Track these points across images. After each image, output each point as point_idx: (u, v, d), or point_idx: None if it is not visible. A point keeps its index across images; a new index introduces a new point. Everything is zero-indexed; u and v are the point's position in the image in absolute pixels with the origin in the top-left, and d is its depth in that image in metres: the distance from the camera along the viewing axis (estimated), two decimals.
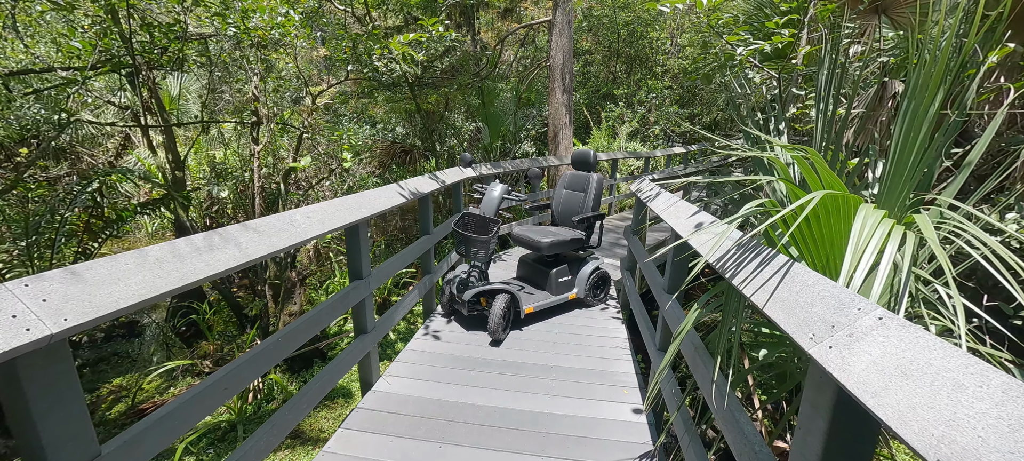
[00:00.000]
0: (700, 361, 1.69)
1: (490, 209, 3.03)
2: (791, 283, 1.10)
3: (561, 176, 3.82)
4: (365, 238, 2.34)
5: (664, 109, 10.25)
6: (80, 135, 7.73)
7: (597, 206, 3.51)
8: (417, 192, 2.95)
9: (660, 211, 2.44)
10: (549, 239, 3.26)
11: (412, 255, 2.98)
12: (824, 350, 0.86)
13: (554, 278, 3.39)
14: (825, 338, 0.88)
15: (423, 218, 3.28)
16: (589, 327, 3.31)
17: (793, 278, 1.11)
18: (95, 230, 4.16)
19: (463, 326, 3.25)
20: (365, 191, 2.44)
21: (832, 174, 1.23)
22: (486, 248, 2.87)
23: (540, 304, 3.28)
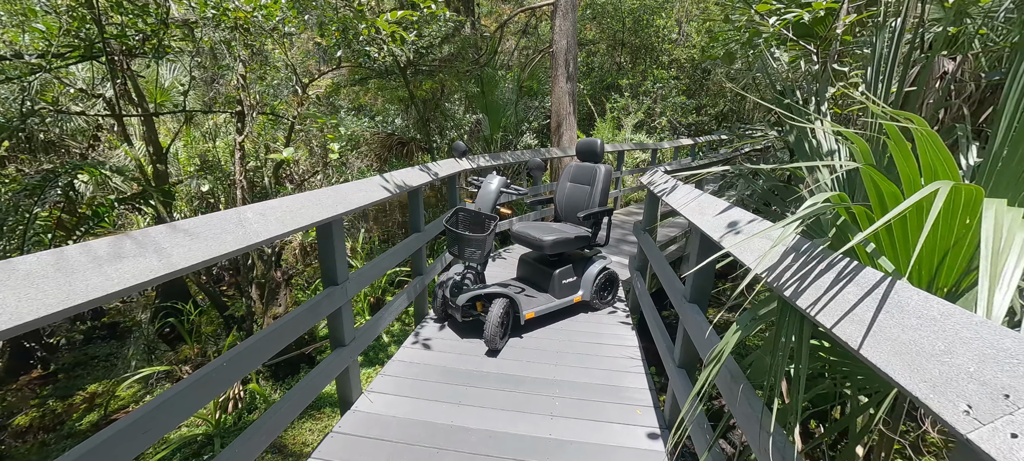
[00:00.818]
0: (743, 397, 1.35)
1: (486, 204, 2.70)
2: (900, 314, 0.76)
3: (565, 168, 3.47)
4: (340, 238, 2.01)
5: (670, 100, 9.83)
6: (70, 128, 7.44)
7: (605, 200, 3.17)
8: (405, 185, 2.61)
9: (680, 206, 2.09)
10: (552, 237, 2.92)
11: (399, 255, 2.65)
12: (1003, 441, 0.52)
13: (557, 279, 3.06)
14: (997, 416, 0.54)
15: (413, 214, 2.95)
16: (596, 333, 2.98)
17: (902, 305, 0.77)
18: (70, 227, 3.86)
19: (457, 332, 2.92)
20: (342, 185, 2.11)
21: (949, 158, 0.88)
22: (482, 248, 2.54)
23: (542, 308, 2.95)
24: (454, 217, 2.69)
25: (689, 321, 1.87)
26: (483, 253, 2.56)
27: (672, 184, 2.57)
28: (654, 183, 2.93)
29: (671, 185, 2.56)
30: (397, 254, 2.62)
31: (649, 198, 3.12)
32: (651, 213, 3.15)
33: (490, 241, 2.61)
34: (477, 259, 2.58)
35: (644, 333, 3.40)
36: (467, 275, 2.82)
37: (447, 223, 2.61)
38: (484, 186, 2.76)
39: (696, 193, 2.09)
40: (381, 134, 7.30)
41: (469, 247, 2.55)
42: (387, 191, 2.39)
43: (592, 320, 3.18)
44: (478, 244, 2.53)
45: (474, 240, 2.53)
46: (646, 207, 3.17)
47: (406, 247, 2.76)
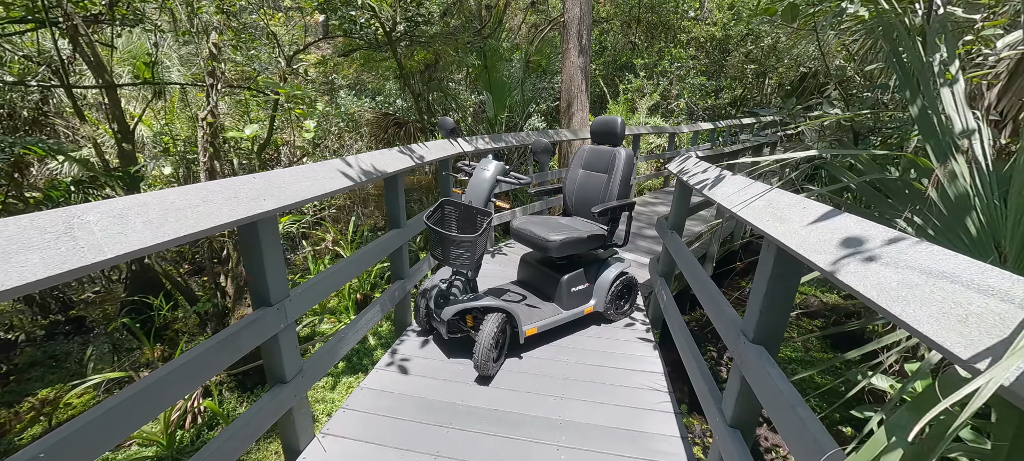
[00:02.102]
0: None
1: (479, 195, 2.14)
2: None
3: (576, 152, 2.89)
4: (272, 243, 1.47)
5: (689, 80, 9.07)
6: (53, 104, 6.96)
7: (626, 191, 2.59)
8: (376, 171, 2.06)
9: (736, 206, 1.51)
10: (560, 236, 2.36)
11: (368, 259, 2.11)
12: None
13: (565, 287, 2.50)
14: None
15: (391, 206, 2.40)
16: (611, 353, 2.44)
17: None
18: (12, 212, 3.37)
19: (443, 350, 2.40)
20: (276, 171, 1.56)
21: None
22: (471, 252, 1.99)
23: (546, 322, 2.40)
24: (438, 212, 2.13)
25: (751, 369, 1.31)
26: (474, 258, 2.01)
27: (715, 174, 1.99)
28: (687, 172, 2.33)
29: (714, 175, 1.97)
30: (365, 258, 2.08)
31: (680, 190, 2.52)
32: (681, 208, 2.56)
33: (483, 243, 2.06)
34: (466, 266, 2.03)
35: (667, 344, 2.86)
36: (455, 282, 2.28)
37: (429, 220, 2.05)
38: (477, 173, 2.19)
39: (760, 187, 1.51)
40: (378, 114, 6.72)
41: (456, 250, 2.00)
42: (348, 178, 1.83)
43: (606, 334, 2.63)
44: (467, 247, 1.98)
45: (462, 242, 1.97)
46: (676, 201, 2.58)
47: (380, 247, 2.22)
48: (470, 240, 1.96)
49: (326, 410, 3.15)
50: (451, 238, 1.97)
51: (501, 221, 3.83)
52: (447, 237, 1.97)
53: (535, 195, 2.82)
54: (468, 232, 2.14)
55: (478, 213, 2.10)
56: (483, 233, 2.02)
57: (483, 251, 2.12)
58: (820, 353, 4.04)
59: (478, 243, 2.01)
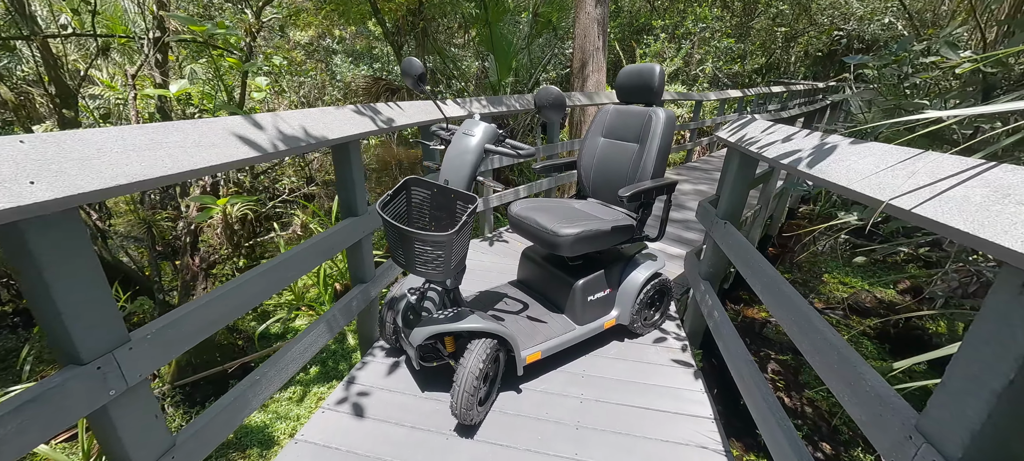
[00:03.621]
0: None
1: (460, 172, 1.46)
2: None
3: (595, 116, 2.17)
4: (64, 254, 0.83)
5: (714, 44, 8.08)
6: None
7: (663, 167, 1.89)
8: (310, 137, 1.40)
9: (914, 201, 0.82)
10: (574, 229, 1.69)
11: (304, 260, 1.47)
12: None
13: (580, 295, 1.85)
14: None
15: (343, 185, 1.75)
16: (639, 385, 1.80)
17: None
18: None
19: (416, 379, 1.79)
20: (82, 132, 0.91)
21: None
22: (445, 255, 1.33)
23: (553, 344, 1.77)
24: (400, 199, 1.47)
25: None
26: (449, 264, 1.36)
27: (815, 141, 1.28)
28: (754, 141, 1.63)
29: (814, 143, 1.27)
30: (296, 262, 1.43)
31: (739, 166, 1.81)
32: (739, 190, 1.86)
33: (464, 242, 1.41)
34: (439, 274, 1.38)
35: (711, 355, 2.23)
36: (429, 292, 1.64)
37: (383, 210, 1.38)
38: (457, 140, 1.51)
39: (956, 162, 0.81)
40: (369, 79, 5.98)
41: (424, 254, 1.34)
42: (249, 147, 1.17)
43: (630, 354, 1.99)
44: (439, 249, 1.32)
45: (431, 243, 1.31)
46: (731, 181, 1.87)
47: (325, 244, 1.57)
48: (443, 240, 1.30)
49: (289, 429, 2.61)
50: (415, 236, 1.31)
51: (503, 202, 3.16)
52: (410, 235, 1.31)
53: (541, 171, 2.14)
54: (444, 226, 1.48)
55: (458, 199, 1.44)
56: (463, 228, 1.35)
57: (465, 252, 1.46)
58: (875, 360, 3.38)
59: (456, 243, 1.35)
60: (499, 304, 1.97)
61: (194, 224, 2.66)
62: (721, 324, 1.72)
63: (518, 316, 1.90)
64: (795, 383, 2.88)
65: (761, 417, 1.33)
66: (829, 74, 11.62)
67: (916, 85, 2.01)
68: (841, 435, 2.52)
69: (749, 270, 1.52)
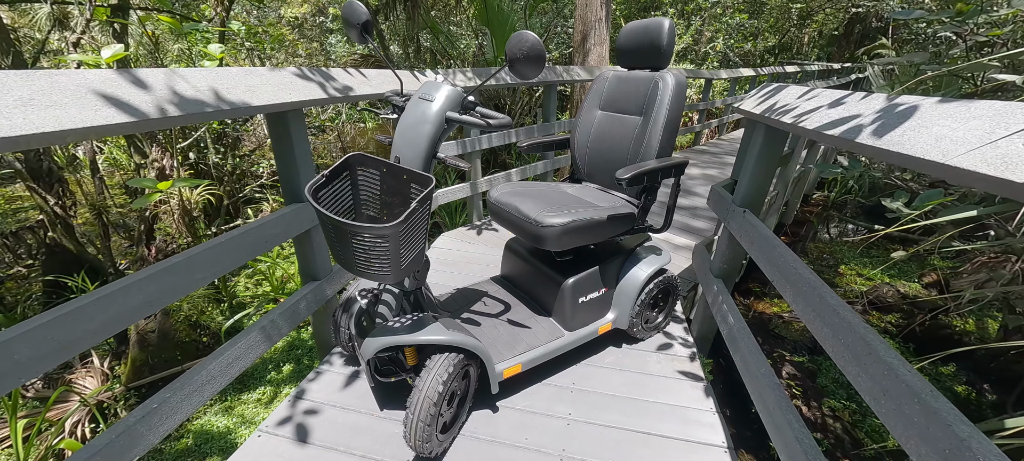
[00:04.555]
0: None
1: (415, 146, 1.15)
2: None
3: (592, 85, 1.84)
4: None
5: (726, 20, 7.58)
6: None
7: (671, 144, 1.56)
8: (228, 103, 1.09)
9: None
10: (561, 218, 1.38)
11: (218, 259, 1.17)
12: None
13: (570, 295, 1.55)
14: None
15: (283, 164, 1.44)
16: (638, 401, 1.51)
17: None
18: None
19: (376, 394, 1.51)
20: None
21: None
22: (393, 251, 1.03)
23: (536, 354, 1.48)
24: (341, 183, 1.17)
25: None
26: (398, 263, 1.06)
27: (879, 105, 0.96)
28: (788, 109, 1.30)
29: (877, 106, 0.95)
30: (205, 260, 1.13)
31: (765, 144, 1.48)
32: (763, 170, 1.53)
33: (419, 234, 1.11)
34: (388, 276, 1.08)
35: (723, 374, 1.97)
36: (385, 294, 1.35)
37: (318, 195, 1.08)
38: (413, 106, 1.19)
39: None
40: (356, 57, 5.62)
41: (365, 250, 1.04)
42: (126, 114, 0.87)
43: (630, 364, 1.70)
44: (383, 243, 1.02)
45: (372, 236, 1.01)
46: (755, 160, 1.54)
47: (255, 236, 1.28)
48: (386, 232, 1.00)
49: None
50: (351, 229, 1.00)
51: (497, 185, 2.84)
52: (345, 227, 1.01)
53: (528, 149, 1.82)
54: (396, 213, 1.18)
55: (412, 181, 1.13)
56: (415, 218, 1.05)
57: (421, 247, 1.16)
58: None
59: (405, 236, 1.05)
60: (475, 305, 1.68)
61: (148, 211, 2.39)
62: (737, 333, 1.41)
63: (497, 320, 1.61)
64: (812, 389, 2.59)
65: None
66: (844, 55, 11.03)
67: (978, 45, 1.65)
68: (866, 452, 2.23)
69: (776, 270, 1.21)
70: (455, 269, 2.39)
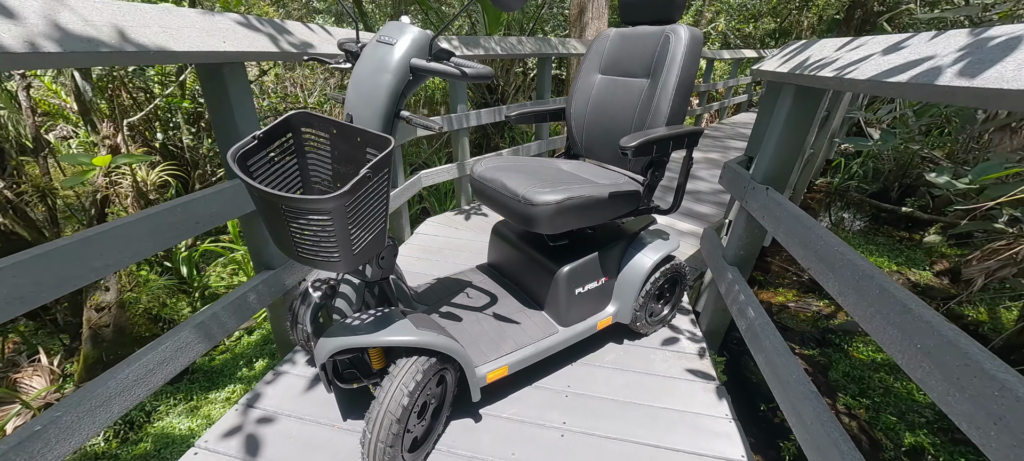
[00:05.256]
0: None
1: (371, 102, 0.92)
2: None
3: (590, 47, 1.60)
4: None
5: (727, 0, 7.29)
6: None
7: (683, 109, 1.33)
8: (135, 44, 0.84)
9: None
10: (555, 195, 1.16)
11: (140, 239, 0.94)
12: None
13: (565, 285, 1.33)
14: None
15: (219, 128, 1.20)
16: (642, 407, 1.31)
17: None
18: None
19: (339, 401, 1.30)
20: None
21: None
22: (337, 232, 0.81)
23: (525, 355, 1.27)
24: (275, 148, 0.93)
25: None
26: (347, 247, 0.83)
27: (961, 42, 0.73)
28: (823, 61, 1.07)
29: (959, 44, 0.72)
30: (104, 244, 0.90)
31: (796, 105, 1.26)
32: (791, 140, 1.31)
33: (370, 210, 0.88)
34: (333, 263, 0.86)
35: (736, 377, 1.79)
36: (343, 285, 1.12)
37: (250, 163, 0.84)
38: (370, 52, 0.95)
39: None
40: None
41: (302, 229, 0.81)
42: None
43: (632, 363, 1.49)
44: (324, 221, 0.79)
45: (310, 212, 0.78)
46: (781, 129, 1.32)
47: (176, 217, 1.04)
48: (328, 207, 0.77)
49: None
50: (283, 202, 0.77)
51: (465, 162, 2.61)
52: (275, 200, 0.77)
53: (517, 120, 1.58)
54: (347, 180, 0.95)
55: (368, 144, 0.90)
56: (370, 189, 0.82)
57: (381, 227, 0.93)
58: None
59: (361, 211, 0.82)
60: (457, 298, 1.46)
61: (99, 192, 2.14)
62: (760, 329, 1.20)
63: (481, 314, 1.39)
64: (825, 386, 2.42)
65: None
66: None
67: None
68: (884, 453, 2.06)
69: (814, 256, 1.00)
70: (440, 257, 2.17)
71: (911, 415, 2.36)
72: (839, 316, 3.15)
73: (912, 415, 2.37)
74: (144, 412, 2.26)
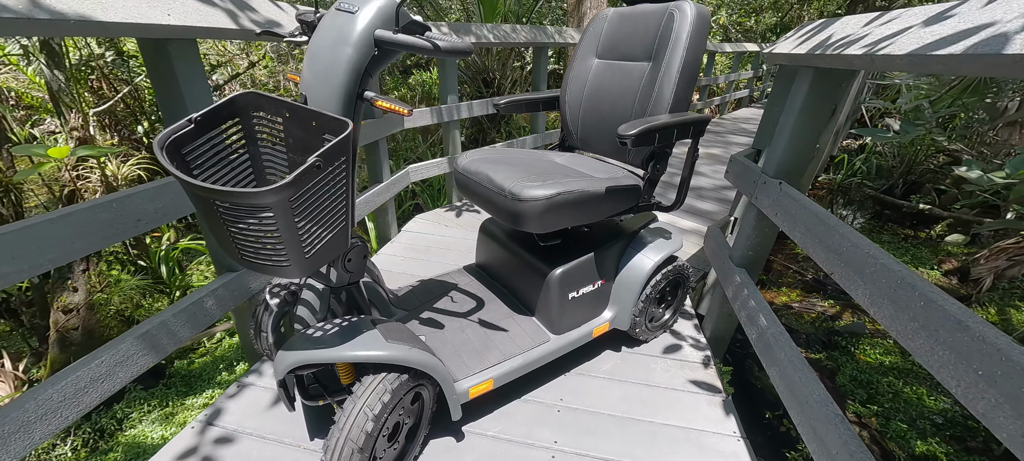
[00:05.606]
0: None
1: (329, 81, 0.79)
2: None
3: (588, 25, 1.46)
4: None
5: None
6: None
7: (688, 95, 1.20)
8: (46, 10, 0.71)
9: None
10: (545, 190, 1.03)
11: (72, 241, 0.80)
12: None
13: (558, 289, 1.21)
14: None
15: (169, 114, 1.07)
16: (642, 423, 1.19)
17: None
18: None
19: (307, 418, 1.17)
20: None
21: None
22: (283, 230, 0.68)
23: (513, 368, 1.14)
24: (226, 136, 0.79)
25: None
26: (297, 247, 0.71)
27: None
28: (850, 38, 0.94)
29: None
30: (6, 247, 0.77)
31: (813, 91, 1.13)
32: (808, 128, 1.18)
33: (325, 204, 0.74)
34: (279, 268, 0.73)
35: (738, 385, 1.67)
36: (306, 290, 0.99)
37: (168, 151, 0.71)
38: (329, 21, 0.81)
39: None
40: None
41: (239, 227, 0.68)
42: None
43: (631, 372, 1.36)
44: (264, 218, 0.66)
45: (246, 207, 0.65)
46: (796, 116, 1.19)
47: (111, 214, 0.91)
48: (270, 200, 0.64)
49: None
50: (215, 196, 0.64)
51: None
52: (206, 195, 0.64)
53: (506, 109, 1.45)
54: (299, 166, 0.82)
55: (325, 129, 0.77)
56: (324, 180, 0.69)
57: (342, 225, 0.80)
58: None
59: (312, 206, 0.69)
60: (440, 302, 1.33)
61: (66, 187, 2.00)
62: (773, 339, 1.08)
63: (465, 321, 1.26)
64: (834, 392, 2.30)
65: None
66: None
67: None
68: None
69: (838, 258, 0.87)
70: (427, 256, 2.04)
71: (921, 421, 2.25)
72: (845, 317, 3.04)
73: (922, 421, 2.25)
74: (115, 420, 2.13)
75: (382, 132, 2.01)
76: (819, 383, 0.92)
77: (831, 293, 3.26)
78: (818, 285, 3.37)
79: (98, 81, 3.26)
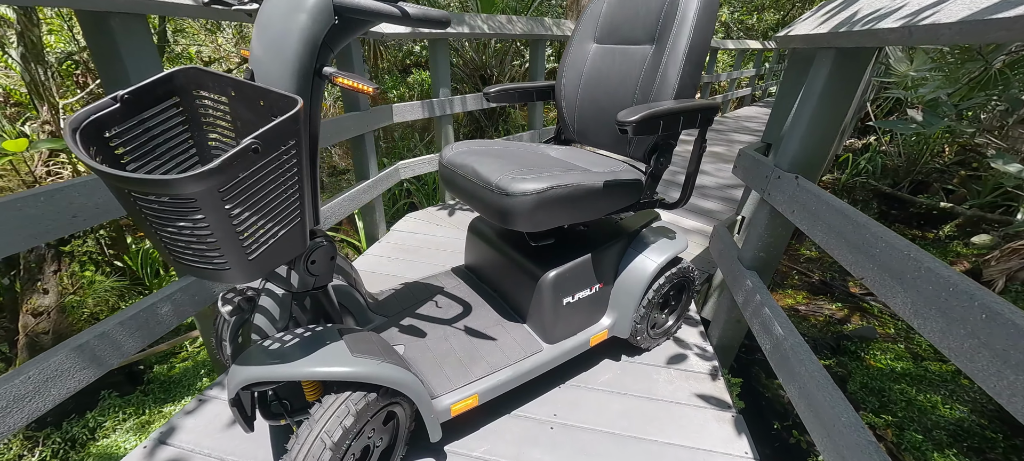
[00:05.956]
0: None
1: (279, 54, 0.67)
2: None
3: (585, 9, 1.35)
4: None
5: None
6: None
7: (695, 81, 1.08)
8: None
9: None
10: (536, 185, 0.91)
11: None
12: None
13: (551, 294, 1.09)
14: None
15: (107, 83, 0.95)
16: (644, 442, 1.07)
17: None
18: None
19: (271, 436, 1.05)
20: None
21: None
22: (215, 227, 0.57)
23: (500, 381, 1.02)
24: (165, 116, 0.68)
25: None
26: (235, 248, 0.59)
27: None
28: (881, 11, 0.82)
29: None
30: None
31: (835, 74, 1.01)
32: (826, 117, 1.06)
33: (280, 198, 0.63)
34: (216, 272, 0.61)
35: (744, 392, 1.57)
36: (265, 295, 0.88)
37: (84, 135, 0.59)
38: None
39: None
40: None
41: (163, 222, 0.57)
42: None
43: (631, 383, 1.25)
44: (203, 208, 0.55)
45: (169, 197, 0.53)
46: (814, 104, 1.07)
47: (44, 209, 0.79)
48: (195, 189, 0.52)
49: None
50: (131, 185, 0.53)
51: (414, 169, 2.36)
52: (121, 185, 0.53)
53: (497, 98, 1.33)
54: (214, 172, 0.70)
55: (272, 107, 0.65)
56: (267, 166, 0.58)
57: (297, 218, 0.68)
58: (936, 362, 2.67)
59: (252, 196, 0.57)
60: (422, 308, 1.22)
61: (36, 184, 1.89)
62: (791, 351, 0.96)
63: (450, 328, 1.15)
64: None
65: None
66: None
67: None
68: None
69: (870, 261, 0.75)
70: (416, 257, 1.93)
71: (937, 432, 2.13)
72: (853, 320, 2.92)
73: (938, 432, 2.13)
74: (88, 429, 2.02)
75: (368, 125, 1.89)
76: (847, 404, 0.80)
77: (839, 296, 3.14)
78: (825, 287, 3.25)
79: (83, 76, 3.15)
